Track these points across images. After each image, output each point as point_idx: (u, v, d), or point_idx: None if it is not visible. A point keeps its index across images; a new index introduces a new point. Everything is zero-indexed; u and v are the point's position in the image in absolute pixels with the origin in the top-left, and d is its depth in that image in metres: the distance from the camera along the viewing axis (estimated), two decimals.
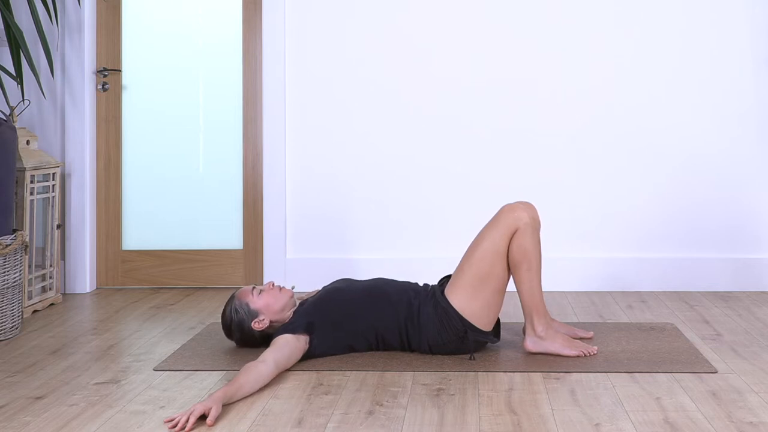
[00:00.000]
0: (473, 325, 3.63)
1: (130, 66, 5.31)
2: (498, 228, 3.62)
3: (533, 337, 3.69)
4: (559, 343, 3.68)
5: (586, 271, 5.09)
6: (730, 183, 5.09)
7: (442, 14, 5.14)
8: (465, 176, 5.14)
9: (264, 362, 3.32)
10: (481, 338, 3.67)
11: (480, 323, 3.64)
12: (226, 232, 5.29)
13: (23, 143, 4.72)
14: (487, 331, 3.67)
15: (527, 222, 3.61)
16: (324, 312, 3.69)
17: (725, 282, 5.07)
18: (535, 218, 3.65)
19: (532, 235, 3.61)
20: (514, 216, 3.62)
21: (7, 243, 4.07)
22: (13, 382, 3.43)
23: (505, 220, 3.62)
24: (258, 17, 5.24)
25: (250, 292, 3.76)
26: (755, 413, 3.00)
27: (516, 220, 3.61)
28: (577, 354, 3.65)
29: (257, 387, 3.24)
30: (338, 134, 5.18)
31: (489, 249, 3.62)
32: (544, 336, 3.68)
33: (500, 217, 3.64)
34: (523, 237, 3.60)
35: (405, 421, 2.94)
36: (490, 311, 3.65)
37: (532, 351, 3.68)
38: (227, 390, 3.09)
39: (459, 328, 3.63)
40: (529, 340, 3.69)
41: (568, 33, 5.11)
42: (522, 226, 3.61)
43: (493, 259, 3.61)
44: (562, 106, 5.12)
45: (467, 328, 3.62)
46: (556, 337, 3.69)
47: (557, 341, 3.68)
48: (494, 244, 3.62)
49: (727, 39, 5.08)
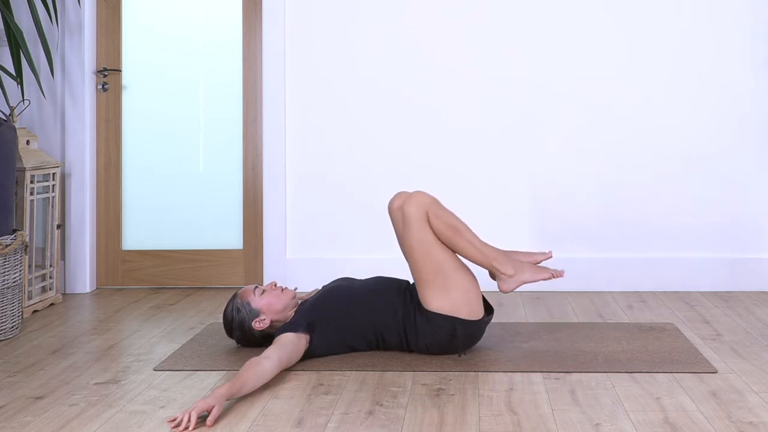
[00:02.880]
0: (460, 319, 3.64)
1: (130, 66, 5.31)
2: (413, 225, 3.65)
3: (504, 278, 3.72)
4: (528, 273, 3.73)
5: (586, 271, 5.09)
6: (730, 183, 5.09)
7: (441, 15, 5.14)
8: (465, 176, 5.14)
9: (268, 359, 3.32)
10: (473, 328, 3.67)
11: (466, 312, 3.65)
12: (226, 232, 5.29)
13: (23, 143, 4.72)
14: (476, 319, 3.67)
15: (426, 202, 3.66)
16: (324, 312, 3.69)
17: (725, 282, 5.07)
18: (427, 196, 3.69)
19: (439, 207, 3.67)
20: (415, 206, 3.65)
21: (7, 243, 4.07)
22: (13, 382, 3.43)
23: (412, 215, 3.65)
24: (258, 17, 5.24)
25: (251, 292, 3.77)
26: (755, 413, 3.00)
27: (419, 208, 3.65)
28: (548, 276, 3.73)
29: (260, 384, 3.23)
30: (338, 134, 5.18)
31: (422, 246, 3.65)
32: (513, 273, 3.72)
33: (406, 216, 3.66)
34: (435, 216, 3.65)
35: (405, 421, 2.94)
36: (469, 293, 3.66)
37: (509, 290, 3.73)
38: (231, 387, 3.09)
39: (448, 326, 3.64)
40: (502, 283, 3.73)
41: (569, 33, 5.11)
42: (428, 208, 3.65)
43: (431, 249, 3.65)
44: (563, 106, 5.12)
45: (455, 324, 3.63)
46: (523, 268, 3.73)
47: (526, 272, 3.73)
48: (422, 239, 3.65)
49: (727, 39, 5.08)
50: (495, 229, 5.12)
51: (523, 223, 5.12)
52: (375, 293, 3.75)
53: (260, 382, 3.23)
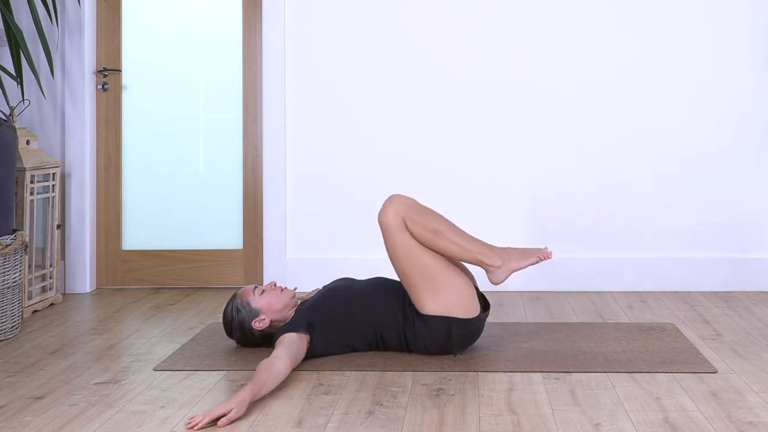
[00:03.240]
0: (456, 318, 3.63)
1: (130, 66, 5.31)
2: (392, 234, 3.64)
3: (493, 270, 3.71)
4: (515, 260, 3.71)
5: (586, 271, 5.09)
6: (730, 183, 5.09)
7: (441, 15, 5.14)
8: (465, 176, 5.14)
9: (279, 359, 3.31)
10: (470, 326, 3.67)
11: (461, 311, 3.64)
12: (226, 232, 5.29)
13: (23, 143, 4.72)
14: (472, 317, 3.67)
15: (402, 209, 3.64)
16: (323, 312, 3.69)
17: (725, 282, 5.07)
18: (402, 202, 3.66)
19: (417, 212, 3.64)
20: (391, 215, 3.64)
21: (7, 243, 4.07)
22: (13, 382, 3.43)
23: (389, 225, 3.64)
24: (258, 17, 5.24)
25: (251, 292, 3.77)
26: (755, 413, 3.00)
27: (395, 216, 3.64)
28: (535, 260, 3.71)
29: (276, 383, 3.23)
30: (338, 134, 5.18)
31: (405, 253, 3.64)
32: (500, 263, 3.70)
33: (383, 227, 3.65)
34: (412, 222, 3.64)
35: (405, 421, 2.94)
36: (461, 292, 3.66)
37: (500, 281, 3.72)
38: (252, 389, 3.07)
39: (444, 327, 3.63)
40: (492, 276, 3.72)
41: (569, 33, 5.11)
42: (403, 215, 3.64)
43: (415, 255, 3.64)
44: (563, 106, 5.12)
45: (450, 324, 3.63)
46: (510, 257, 3.72)
47: (513, 260, 3.71)
48: (404, 246, 3.64)
49: (728, 39, 5.08)
50: (495, 229, 5.12)
51: (523, 222, 5.12)
52: (375, 294, 3.75)
53: (276, 382, 3.23)
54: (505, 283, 5.06)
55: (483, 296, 3.80)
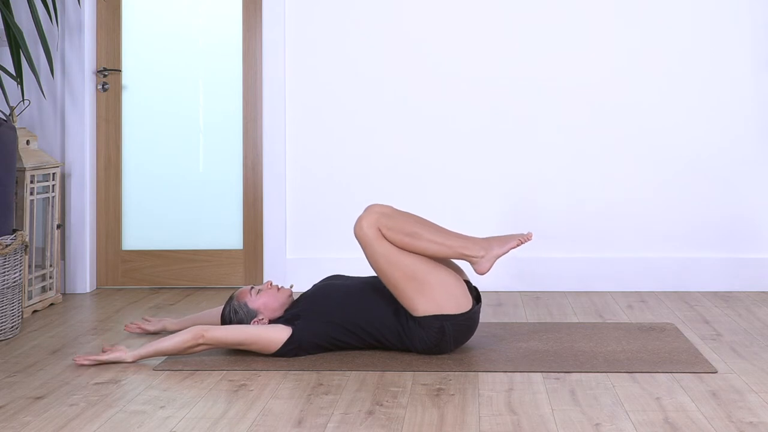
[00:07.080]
0: (449, 315, 3.64)
1: (130, 66, 5.31)
2: (370, 246, 3.64)
3: (477, 260, 3.70)
4: (497, 247, 3.70)
5: (586, 271, 5.09)
6: (730, 183, 5.09)
7: (441, 14, 5.14)
8: (465, 176, 5.14)
9: (207, 329, 3.59)
10: (464, 321, 3.66)
11: (452, 307, 3.65)
12: (226, 232, 5.29)
13: (23, 143, 4.72)
14: (463, 312, 3.67)
15: (374, 219, 3.64)
16: (309, 303, 3.74)
17: (725, 282, 5.07)
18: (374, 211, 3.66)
19: (390, 219, 3.64)
20: (366, 227, 3.64)
21: (7, 243, 4.07)
22: (13, 382, 3.43)
23: (365, 238, 3.64)
24: (258, 17, 5.24)
25: (248, 293, 3.79)
26: (755, 413, 3.00)
27: (370, 227, 3.64)
28: (516, 243, 3.70)
29: (179, 348, 3.59)
30: (338, 134, 5.18)
31: (387, 261, 3.63)
32: (483, 253, 3.69)
33: (360, 241, 3.66)
34: (387, 229, 3.64)
35: (405, 421, 2.95)
36: (450, 287, 3.66)
37: (486, 270, 3.70)
38: (158, 349, 3.60)
39: (437, 325, 3.64)
40: (477, 266, 3.70)
41: (569, 33, 5.11)
42: (378, 225, 3.64)
43: (397, 260, 3.63)
44: (563, 106, 5.12)
45: (443, 321, 3.63)
46: (491, 245, 3.71)
47: (494, 247, 3.70)
48: (385, 256, 3.63)
49: (728, 40, 5.08)
50: (495, 229, 5.12)
51: (522, 222, 5.12)
52: (373, 291, 3.76)
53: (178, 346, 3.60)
54: (505, 283, 5.06)
55: (476, 289, 3.80)
